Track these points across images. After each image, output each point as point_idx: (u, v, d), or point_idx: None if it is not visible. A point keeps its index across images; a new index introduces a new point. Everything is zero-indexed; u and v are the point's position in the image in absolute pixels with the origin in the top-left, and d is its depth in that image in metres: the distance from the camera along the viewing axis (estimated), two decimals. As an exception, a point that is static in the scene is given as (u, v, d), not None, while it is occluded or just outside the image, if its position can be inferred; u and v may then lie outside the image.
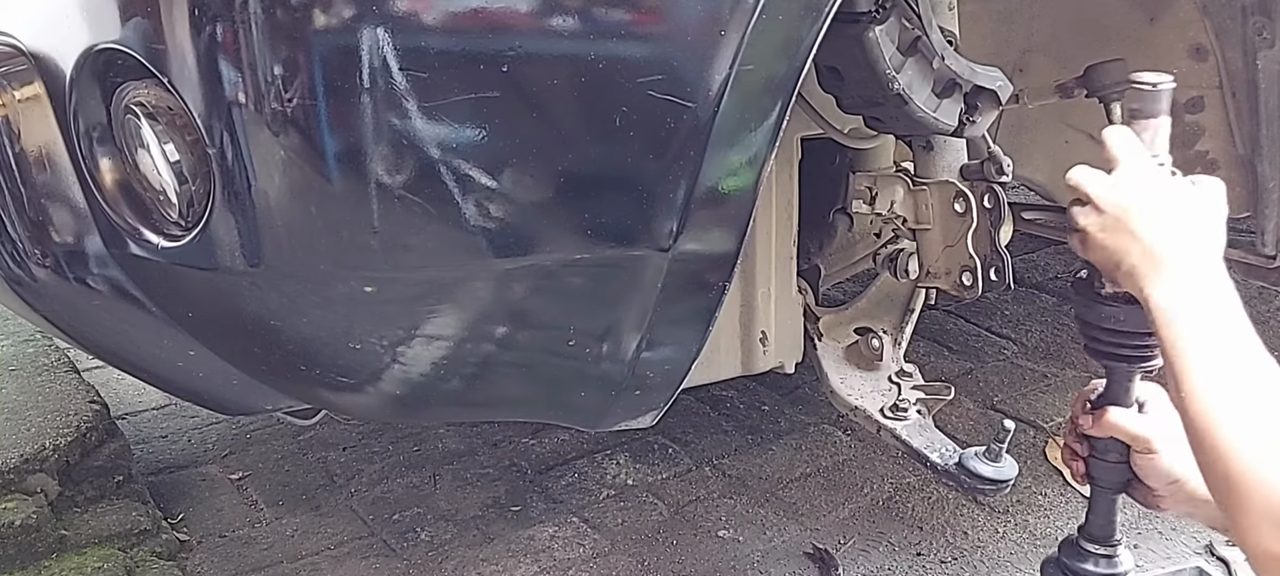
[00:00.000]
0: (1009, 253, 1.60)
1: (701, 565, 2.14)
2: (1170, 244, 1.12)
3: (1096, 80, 1.76)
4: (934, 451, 1.73)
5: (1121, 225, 1.15)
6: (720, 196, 1.23)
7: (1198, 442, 1.04)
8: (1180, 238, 1.12)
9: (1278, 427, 1.00)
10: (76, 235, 1.33)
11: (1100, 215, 1.16)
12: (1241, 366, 1.04)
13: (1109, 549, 1.41)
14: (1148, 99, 1.21)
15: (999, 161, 1.58)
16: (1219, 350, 1.06)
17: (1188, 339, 1.07)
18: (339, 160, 1.13)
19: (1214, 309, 1.08)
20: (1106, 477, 1.39)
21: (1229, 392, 1.03)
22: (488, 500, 2.36)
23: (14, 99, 1.31)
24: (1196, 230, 1.13)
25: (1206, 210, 1.15)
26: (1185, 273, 1.10)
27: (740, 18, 1.14)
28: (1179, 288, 1.09)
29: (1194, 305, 1.08)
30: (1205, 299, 1.09)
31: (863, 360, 1.89)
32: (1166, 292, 1.09)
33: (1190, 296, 1.09)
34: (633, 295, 1.29)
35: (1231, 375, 1.04)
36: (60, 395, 2.36)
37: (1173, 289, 1.09)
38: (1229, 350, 1.05)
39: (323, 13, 1.09)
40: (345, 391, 1.38)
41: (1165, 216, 1.13)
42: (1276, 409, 1.01)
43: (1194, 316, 1.08)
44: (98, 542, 2.10)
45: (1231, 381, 1.03)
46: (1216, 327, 1.07)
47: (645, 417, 1.50)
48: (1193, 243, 1.12)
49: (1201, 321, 1.07)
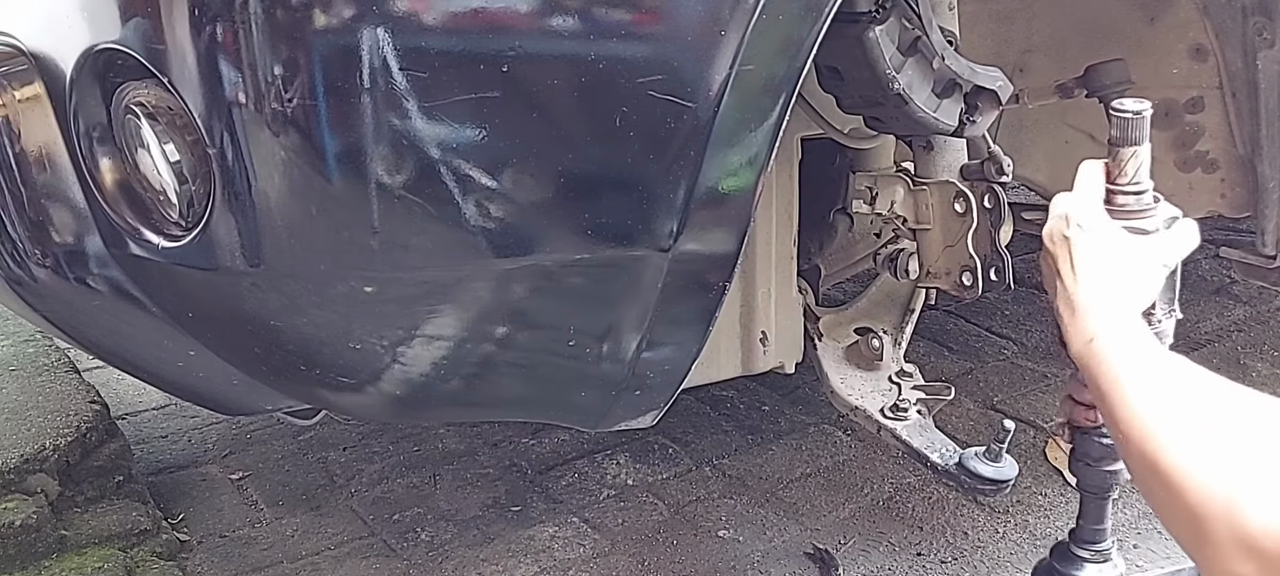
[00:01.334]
0: (1009, 253, 1.60)
1: (701, 565, 2.14)
2: (1090, 293, 1.11)
3: (1096, 80, 1.77)
4: (934, 451, 1.73)
5: (1054, 263, 1.16)
6: (720, 196, 1.23)
7: (1144, 480, 0.97)
8: (1100, 289, 1.12)
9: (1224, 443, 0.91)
10: (76, 235, 1.33)
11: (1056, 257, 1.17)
12: (1175, 388, 0.99)
13: (1100, 553, 1.41)
14: (1130, 126, 1.21)
15: (999, 161, 1.58)
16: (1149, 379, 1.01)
17: (1114, 375, 1.03)
18: (339, 160, 1.13)
19: (1138, 346, 1.06)
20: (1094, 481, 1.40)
21: (1166, 417, 0.96)
22: (488, 500, 2.36)
23: (14, 99, 1.31)
24: (1119, 283, 1.13)
25: (1136, 263, 1.15)
26: (1106, 318, 1.09)
27: (740, 18, 1.14)
28: (1102, 331, 1.08)
29: (1118, 345, 1.06)
30: (1129, 338, 1.07)
31: (863, 360, 1.89)
32: (1089, 338, 1.08)
33: (1114, 338, 1.07)
34: (633, 295, 1.29)
35: (1165, 400, 0.98)
36: (60, 395, 2.36)
37: (1096, 332, 1.08)
38: (1159, 377, 1.01)
39: (323, 13, 1.09)
40: (345, 391, 1.38)
41: (1090, 266, 1.13)
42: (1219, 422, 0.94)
43: (1119, 353, 1.05)
44: (98, 542, 2.10)
45: (1166, 406, 0.97)
46: (1142, 359, 1.04)
47: (645, 418, 1.50)
48: (1112, 294, 1.12)
49: (1127, 356, 1.04)
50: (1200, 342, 2.85)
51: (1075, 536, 1.43)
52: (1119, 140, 1.21)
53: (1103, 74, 1.75)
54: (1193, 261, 1.27)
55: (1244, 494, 0.86)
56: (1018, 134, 2.17)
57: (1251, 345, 2.83)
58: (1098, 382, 1.06)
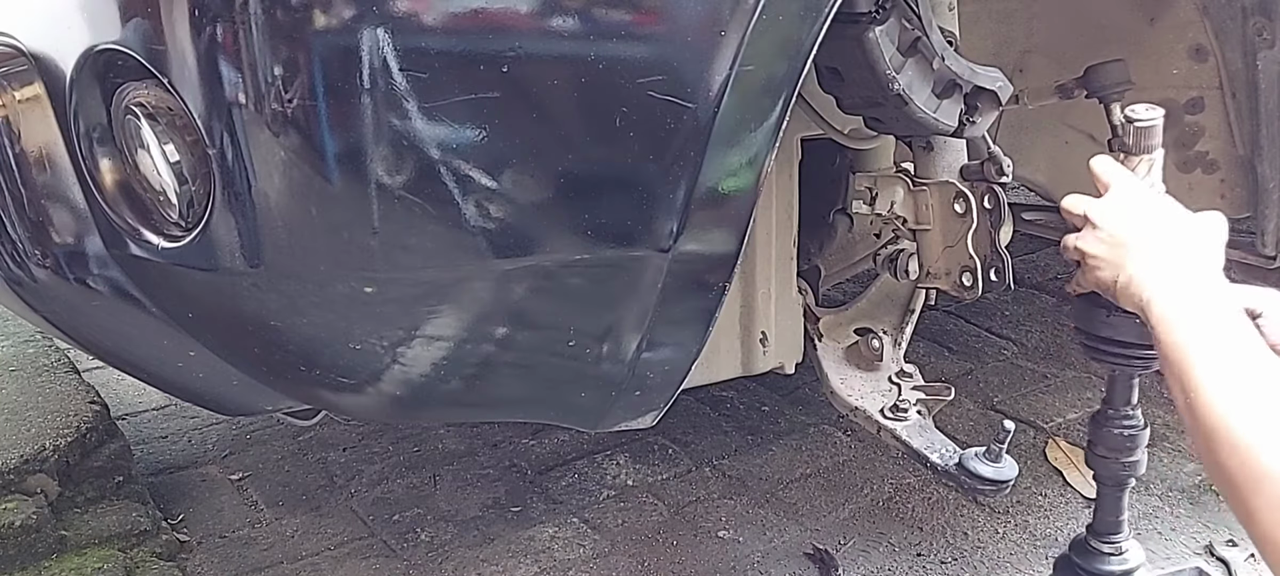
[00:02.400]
0: (1009, 253, 1.60)
1: (701, 565, 2.14)
2: (1168, 253, 1.12)
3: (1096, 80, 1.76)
4: (934, 452, 1.73)
5: (1119, 240, 1.15)
6: (720, 197, 1.23)
7: (1208, 444, 1.02)
8: (1177, 248, 1.13)
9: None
10: (76, 236, 1.33)
11: (1097, 233, 1.17)
12: (1248, 365, 1.03)
13: (1118, 545, 1.41)
14: (1144, 133, 1.21)
15: (999, 162, 1.58)
16: (1223, 350, 1.04)
17: (1190, 342, 1.06)
18: (339, 161, 1.13)
19: (1214, 312, 1.08)
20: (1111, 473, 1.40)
21: (1239, 390, 1.01)
22: (488, 500, 2.36)
23: (14, 99, 1.31)
24: (1193, 243, 1.14)
25: (1204, 230, 1.16)
26: (1184, 279, 1.11)
27: (740, 18, 1.14)
28: (1179, 293, 1.10)
29: (1194, 309, 1.08)
30: (1205, 303, 1.09)
31: (863, 360, 1.89)
32: (1167, 298, 1.10)
33: (1190, 300, 1.09)
34: (633, 296, 1.29)
35: (1239, 373, 1.02)
36: (60, 395, 2.36)
37: (1173, 294, 1.10)
38: (1234, 349, 1.04)
39: (323, 13, 1.09)
40: (345, 392, 1.38)
41: (1162, 229, 1.14)
42: None
43: (1195, 319, 1.07)
44: (98, 543, 2.10)
45: (1240, 379, 1.02)
46: (1219, 329, 1.06)
47: (645, 418, 1.50)
48: (1189, 253, 1.13)
49: (1203, 324, 1.07)
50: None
51: (1093, 529, 1.43)
52: (1133, 147, 1.21)
53: (1103, 74, 1.75)
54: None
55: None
56: (1018, 134, 2.17)
57: (1251, 345, 2.82)
58: (1179, 339, 1.07)
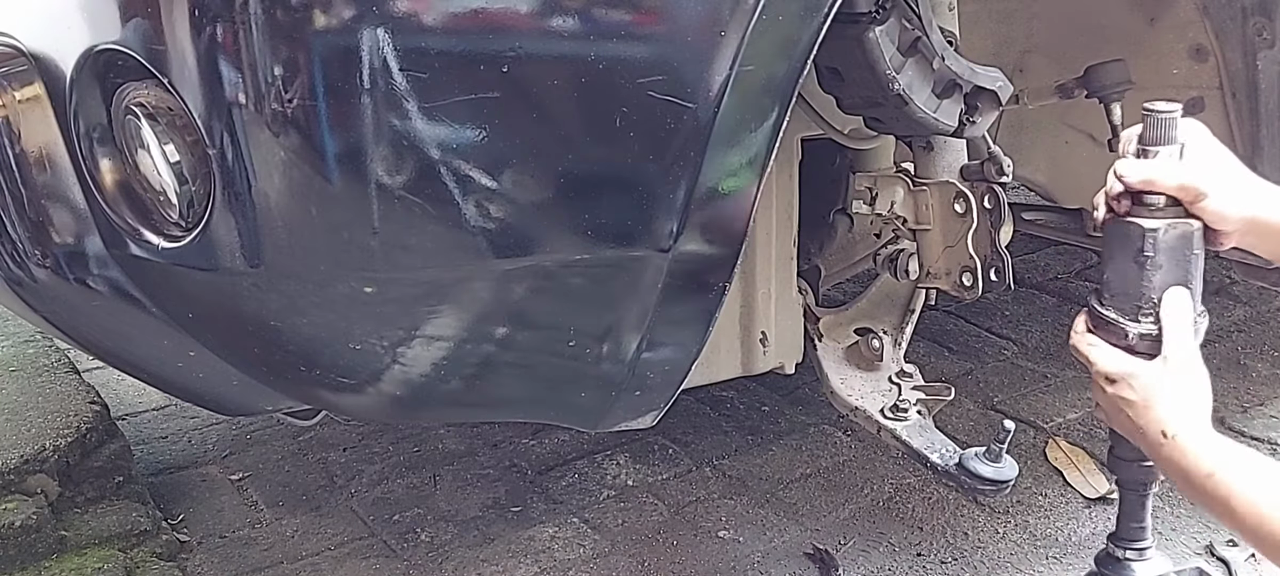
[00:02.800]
0: (1009, 253, 1.60)
1: (701, 565, 2.14)
2: (1187, 419, 1.19)
3: (1096, 80, 1.76)
4: (934, 452, 1.73)
5: (1138, 408, 1.22)
6: (720, 197, 1.23)
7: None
8: (1194, 411, 1.20)
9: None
10: (76, 236, 1.33)
11: (1115, 392, 1.24)
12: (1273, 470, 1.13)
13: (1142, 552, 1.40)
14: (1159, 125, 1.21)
15: (999, 162, 1.58)
16: (1253, 467, 1.14)
17: (1224, 471, 1.14)
18: (339, 161, 1.13)
19: (1228, 444, 1.18)
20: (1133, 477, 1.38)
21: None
22: (488, 500, 2.36)
23: (14, 99, 1.31)
24: (1203, 398, 1.22)
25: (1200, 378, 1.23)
26: (1200, 427, 1.19)
27: (740, 18, 1.14)
28: (1199, 441, 1.17)
29: (1215, 448, 1.17)
30: (1218, 441, 1.18)
31: (863, 360, 1.89)
32: (1194, 451, 1.17)
33: (1210, 443, 1.17)
34: (633, 296, 1.29)
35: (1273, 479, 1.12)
36: (60, 395, 2.36)
37: (1196, 445, 1.17)
38: (1258, 463, 1.15)
39: (323, 13, 1.09)
40: (345, 392, 1.38)
41: (1181, 398, 1.21)
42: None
43: (1219, 454, 1.16)
44: (98, 543, 2.10)
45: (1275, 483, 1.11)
46: (1238, 453, 1.16)
47: (645, 418, 1.50)
48: (1203, 409, 1.21)
49: (1227, 455, 1.16)
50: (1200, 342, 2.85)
51: (1116, 537, 1.42)
52: (1150, 139, 1.21)
53: (1103, 74, 1.75)
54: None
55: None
56: (1018, 134, 2.17)
57: (1251, 345, 2.82)
58: (1226, 506, 1.14)
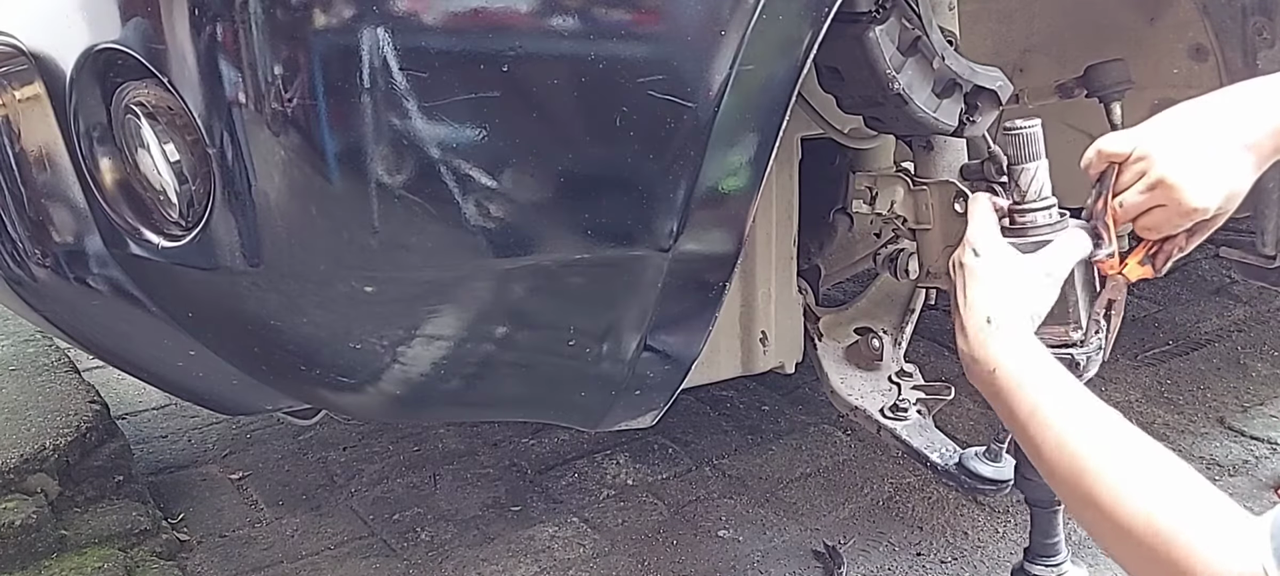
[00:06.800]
0: (1009, 253, 1.60)
1: (701, 565, 2.14)
2: (982, 321, 1.13)
3: (1096, 80, 1.76)
4: (934, 451, 1.73)
5: (960, 293, 1.18)
6: (720, 196, 1.23)
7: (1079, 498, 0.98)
8: (1005, 308, 1.13)
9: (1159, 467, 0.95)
10: (76, 235, 1.33)
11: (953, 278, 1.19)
12: (1089, 417, 1.01)
13: (1056, 566, 1.41)
14: (1026, 143, 1.22)
15: (999, 161, 1.58)
16: (1071, 403, 1.03)
17: (1037, 399, 1.05)
18: (339, 160, 1.13)
19: (1050, 367, 1.08)
20: (1041, 495, 1.39)
21: (1093, 450, 0.98)
22: (488, 500, 2.36)
23: (14, 99, 1.31)
24: (1013, 306, 1.14)
25: (1034, 278, 1.16)
26: (1005, 346, 1.10)
27: (740, 18, 1.14)
28: (1004, 359, 1.09)
29: (1033, 366, 1.08)
30: (1039, 359, 1.09)
31: (863, 360, 1.89)
32: (991, 369, 1.10)
33: (1027, 359, 1.09)
34: (633, 295, 1.29)
35: (1085, 429, 1.00)
36: (60, 395, 2.36)
37: (999, 363, 1.10)
38: (1079, 402, 1.03)
39: (323, 13, 1.09)
40: (345, 391, 1.38)
41: (981, 291, 1.15)
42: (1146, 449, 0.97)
43: (1036, 377, 1.07)
44: (98, 542, 2.10)
45: (1089, 436, 0.99)
46: (1058, 383, 1.06)
47: (645, 417, 1.50)
48: (1015, 312, 1.13)
49: (1045, 381, 1.06)
50: (1200, 342, 2.85)
51: (1029, 553, 1.43)
52: (1016, 157, 1.22)
53: (1103, 74, 1.75)
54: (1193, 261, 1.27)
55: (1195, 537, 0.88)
56: (1017, 134, 2.16)
57: (1251, 345, 2.83)
58: (1012, 414, 1.07)
